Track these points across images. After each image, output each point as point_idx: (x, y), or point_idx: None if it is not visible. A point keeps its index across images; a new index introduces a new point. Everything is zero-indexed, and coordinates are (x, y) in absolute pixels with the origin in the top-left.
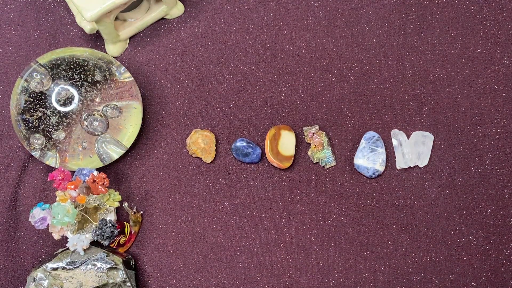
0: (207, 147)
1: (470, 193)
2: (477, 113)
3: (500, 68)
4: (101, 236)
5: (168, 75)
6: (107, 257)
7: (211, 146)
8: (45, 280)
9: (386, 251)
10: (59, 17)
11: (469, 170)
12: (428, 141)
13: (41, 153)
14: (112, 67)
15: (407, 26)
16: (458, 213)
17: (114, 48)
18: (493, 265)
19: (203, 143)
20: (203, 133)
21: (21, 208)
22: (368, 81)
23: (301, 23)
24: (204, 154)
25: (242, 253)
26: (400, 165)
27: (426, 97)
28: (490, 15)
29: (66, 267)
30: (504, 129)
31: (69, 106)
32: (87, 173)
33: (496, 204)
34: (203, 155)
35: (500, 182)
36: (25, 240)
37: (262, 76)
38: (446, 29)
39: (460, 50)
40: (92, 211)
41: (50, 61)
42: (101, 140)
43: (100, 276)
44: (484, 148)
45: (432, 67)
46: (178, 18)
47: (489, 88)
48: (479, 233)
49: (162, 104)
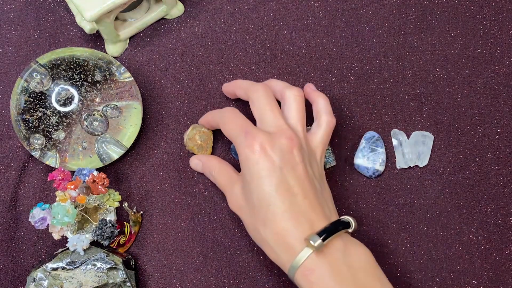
0: (204, 144)
1: (470, 192)
2: (477, 113)
3: (500, 68)
4: (101, 236)
5: (168, 75)
6: (107, 257)
7: (208, 143)
8: (45, 280)
9: (386, 250)
10: (59, 17)
11: (469, 170)
12: (428, 141)
13: (41, 153)
14: (112, 67)
15: (407, 26)
16: (458, 212)
17: (114, 48)
18: (494, 263)
19: (200, 140)
20: (201, 129)
21: (21, 208)
22: (368, 81)
23: (301, 23)
24: (200, 151)
25: (242, 253)
26: (400, 165)
27: (426, 97)
28: (490, 15)
29: (66, 267)
30: (504, 129)
31: (69, 106)
32: (87, 173)
33: (496, 204)
34: (200, 151)
35: (500, 181)
36: (25, 240)
37: (262, 76)
38: (446, 29)
39: (460, 50)
40: (92, 211)
41: (50, 61)
42: (101, 140)
43: (100, 276)
44: (484, 147)
45: (432, 67)
46: (178, 18)
47: (489, 88)
48: (480, 232)
49: (162, 104)
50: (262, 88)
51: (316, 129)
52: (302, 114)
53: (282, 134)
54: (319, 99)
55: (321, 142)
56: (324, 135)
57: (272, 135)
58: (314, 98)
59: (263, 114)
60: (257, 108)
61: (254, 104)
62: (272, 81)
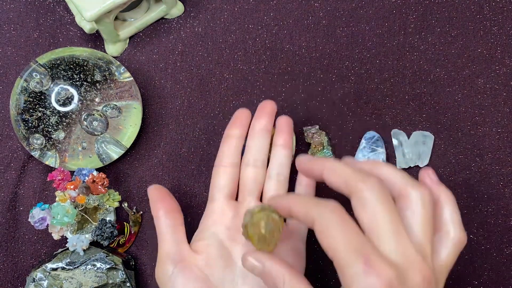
0: (269, 237)
1: (470, 192)
2: (478, 113)
3: (500, 68)
4: (100, 236)
5: (168, 75)
6: (106, 257)
7: (274, 237)
8: (45, 280)
9: None
10: (58, 17)
11: (470, 170)
12: (429, 141)
13: (41, 153)
14: (111, 67)
15: (407, 26)
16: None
17: (114, 48)
18: (494, 264)
19: (265, 229)
20: (271, 214)
21: (21, 208)
22: (368, 81)
23: (301, 23)
24: (261, 245)
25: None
26: (400, 165)
27: (426, 97)
28: (490, 15)
29: (65, 267)
30: (504, 128)
31: (69, 106)
32: (86, 173)
33: (497, 204)
34: (260, 245)
35: (501, 181)
36: (24, 240)
37: (262, 76)
38: (446, 28)
39: (460, 50)
40: (91, 211)
41: (49, 61)
42: (100, 140)
43: (100, 276)
44: (485, 147)
45: (432, 67)
46: (178, 18)
47: (490, 88)
48: (480, 232)
49: (162, 104)
50: (378, 186)
51: (440, 246)
52: (431, 227)
53: (414, 269)
54: (446, 203)
55: (447, 267)
56: (452, 257)
57: (400, 269)
58: (439, 197)
59: (381, 231)
60: (370, 217)
61: (364, 208)
62: (383, 167)
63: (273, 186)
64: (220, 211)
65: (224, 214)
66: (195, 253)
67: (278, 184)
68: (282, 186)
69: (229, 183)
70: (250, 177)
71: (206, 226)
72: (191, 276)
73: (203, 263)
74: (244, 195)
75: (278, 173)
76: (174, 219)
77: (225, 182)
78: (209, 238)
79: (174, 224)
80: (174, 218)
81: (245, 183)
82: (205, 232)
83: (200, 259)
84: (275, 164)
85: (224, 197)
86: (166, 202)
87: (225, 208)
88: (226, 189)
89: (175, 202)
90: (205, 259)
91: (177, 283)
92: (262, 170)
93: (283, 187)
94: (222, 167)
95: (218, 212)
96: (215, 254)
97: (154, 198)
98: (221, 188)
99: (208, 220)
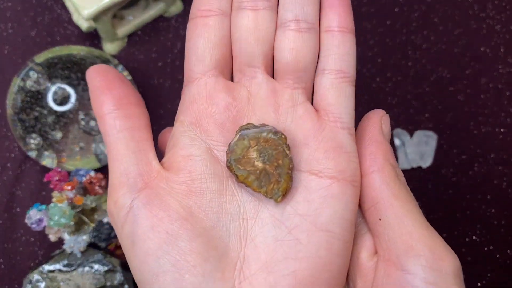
0: (271, 168)
1: (473, 193)
2: (481, 113)
3: (504, 67)
4: (98, 238)
5: (167, 74)
6: (104, 259)
7: (282, 164)
8: (42, 282)
9: None
10: (56, 16)
11: (473, 170)
12: (431, 141)
13: (38, 153)
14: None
15: (409, 24)
16: (462, 213)
17: (112, 46)
18: (498, 265)
19: (261, 161)
20: (267, 136)
21: (18, 209)
22: (370, 80)
23: None
24: (266, 184)
25: None
26: (403, 166)
27: (429, 96)
28: (494, 14)
29: (63, 269)
30: (508, 128)
31: (66, 106)
32: (84, 173)
33: (500, 205)
34: (265, 185)
35: (504, 182)
36: (21, 241)
37: None
38: (449, 27)
39: (463, 49)
40: (89, 213)
41: (46, 59)
42: (98, 140)
43: (98, 278)
44: (488, 147)
45: (435, 66)
46: (177, 16)
47: (493, 87)
48: (483, 233)
49: (161, 103)
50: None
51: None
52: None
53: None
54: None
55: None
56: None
57: None
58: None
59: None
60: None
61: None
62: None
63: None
64: (204, 97)
65: (212, 102)
66: (168, 171)
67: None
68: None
69: (217, 45)
70: (250, 27)
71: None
72: (164, 210)
73: (183, 187)
74: (241, 66)
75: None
76: (131, 119)
77: (210, 43)
78: (191, 145)
79: (131, 126)
80: (132, 116)
81: (242, 42)
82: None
83: (178, 182)
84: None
85: (210, 70)
86: (117, 90)
87: (213, 90)
88: (212, 56)
89: (133, 91)
90: (187, 180)
91: (139, 223)
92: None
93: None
94: (202, 17)
95: (201, 99)
96: (202, 170)
97: (96, 84)
98: (203, 55)
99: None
